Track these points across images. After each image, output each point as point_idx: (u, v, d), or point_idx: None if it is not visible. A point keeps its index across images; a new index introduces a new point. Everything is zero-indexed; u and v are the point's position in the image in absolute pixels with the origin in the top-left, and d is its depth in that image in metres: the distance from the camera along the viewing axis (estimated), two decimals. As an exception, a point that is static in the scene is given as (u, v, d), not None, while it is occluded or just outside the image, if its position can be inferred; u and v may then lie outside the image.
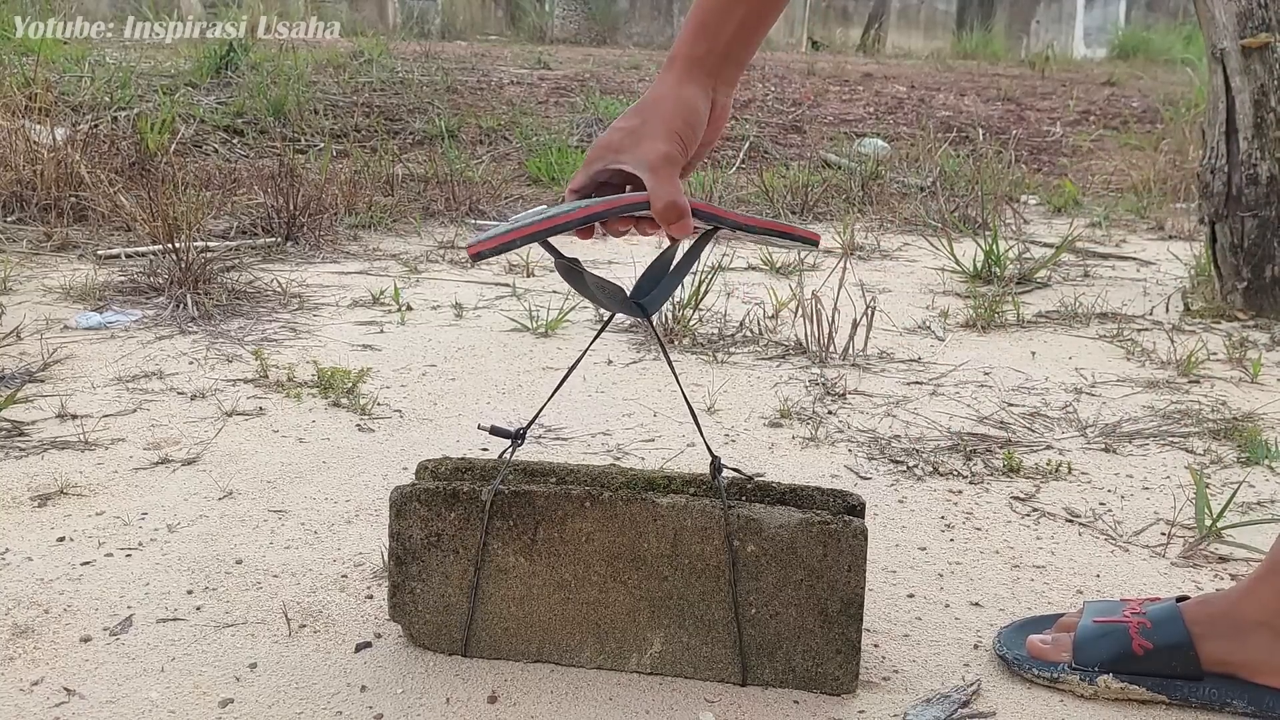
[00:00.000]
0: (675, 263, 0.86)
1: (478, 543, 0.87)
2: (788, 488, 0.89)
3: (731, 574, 0.85)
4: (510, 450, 0.90)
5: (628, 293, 0.84)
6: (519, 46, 6.29)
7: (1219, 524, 1.16)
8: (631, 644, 0.88)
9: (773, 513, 0.85)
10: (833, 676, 0.86)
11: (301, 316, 1.97)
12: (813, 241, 0.88)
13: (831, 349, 1.81)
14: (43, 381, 1.57)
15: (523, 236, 0.76)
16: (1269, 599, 0.85)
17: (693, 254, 0.88)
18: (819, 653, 0.85)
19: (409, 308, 2.06)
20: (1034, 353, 1.89)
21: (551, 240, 0.79)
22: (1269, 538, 1.09)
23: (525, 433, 0.90)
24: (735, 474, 0.90)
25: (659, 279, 0.85)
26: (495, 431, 0.91)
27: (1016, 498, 1.28)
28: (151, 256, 2.21)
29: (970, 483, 1.32)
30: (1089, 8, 9.24)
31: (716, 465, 0.87)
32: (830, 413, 1.55)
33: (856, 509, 0.88)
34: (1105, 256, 2.80)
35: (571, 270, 0.83)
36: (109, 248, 2.42)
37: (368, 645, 0.93)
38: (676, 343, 1.88)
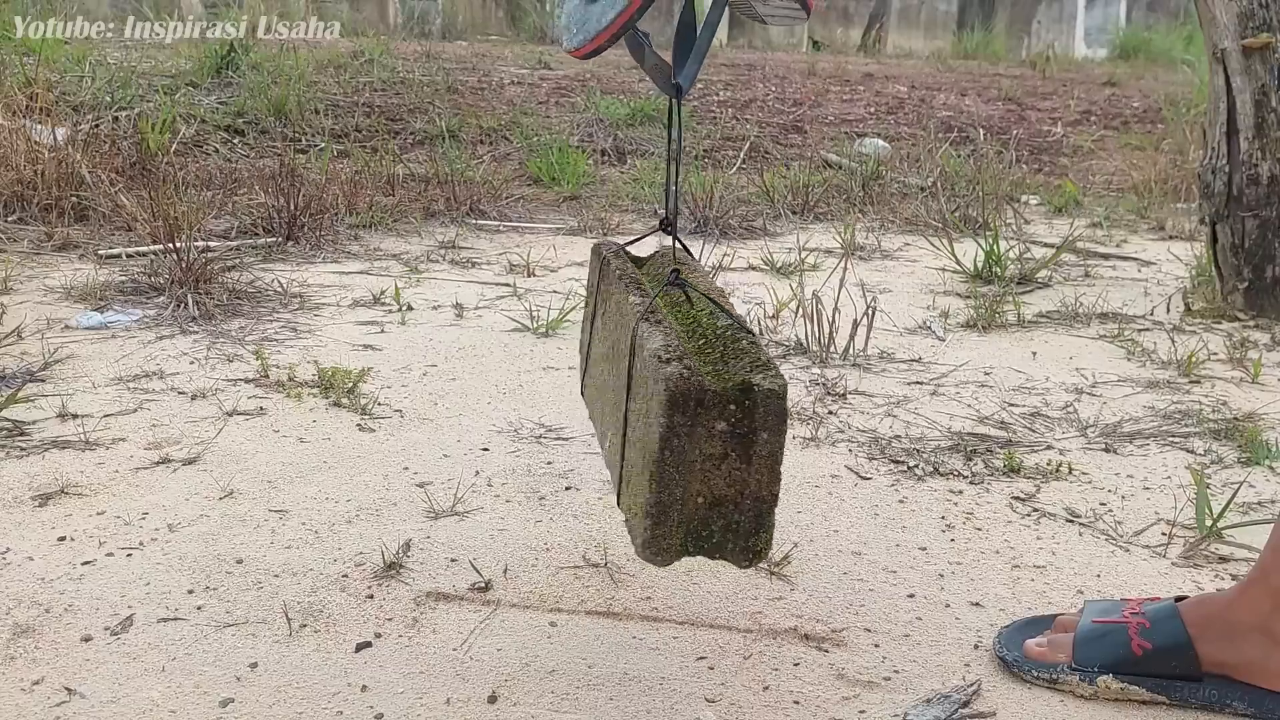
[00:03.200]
0: (699, 30, 0.82)
1: (596, 289, 0.98)
2: (750, 345, 0.78)
3: (629, 385, 0.78)
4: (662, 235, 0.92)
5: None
6: (519, 46, 6.29)
7: (1219, 524, 1.16)
8: (607, 431, 0.87)
9: (656, 336, 0.75)
10: (637, 531, 0.75)
11: (302, 316, 1.97)
12: (806, 7, 0.85)
13: (832, 349, 1.81)
14: (43, 381, 1.57)
15: (639, 7, 0.74)
16: (1261, 602, 0.85)
17: (714, 14, 0.82)
18: (635, 500, 0.75)
19: (410, 308, 2.06)
20: (1034, 353, 1.89)
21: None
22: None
23: (673, 218, 0.88)
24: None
25: (687, 51, 0.82)
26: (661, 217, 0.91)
27: (1017, 498, 1.28)
28: (152, 256, 2.21)
29: (971, 483, 1.32)
30: (1089, 8, 9.24)
31: (675, 278, 0.84)
32: (831, 413, 1.55)
33: (756, 386, 0.72)
34: (1106, 257, 2.80)
35: (636, 42, 0.81)
36: (110, 247, 2.42)
37: (368, 645, 0.93)
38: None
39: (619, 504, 0.81)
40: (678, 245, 0.92)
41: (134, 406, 1.49)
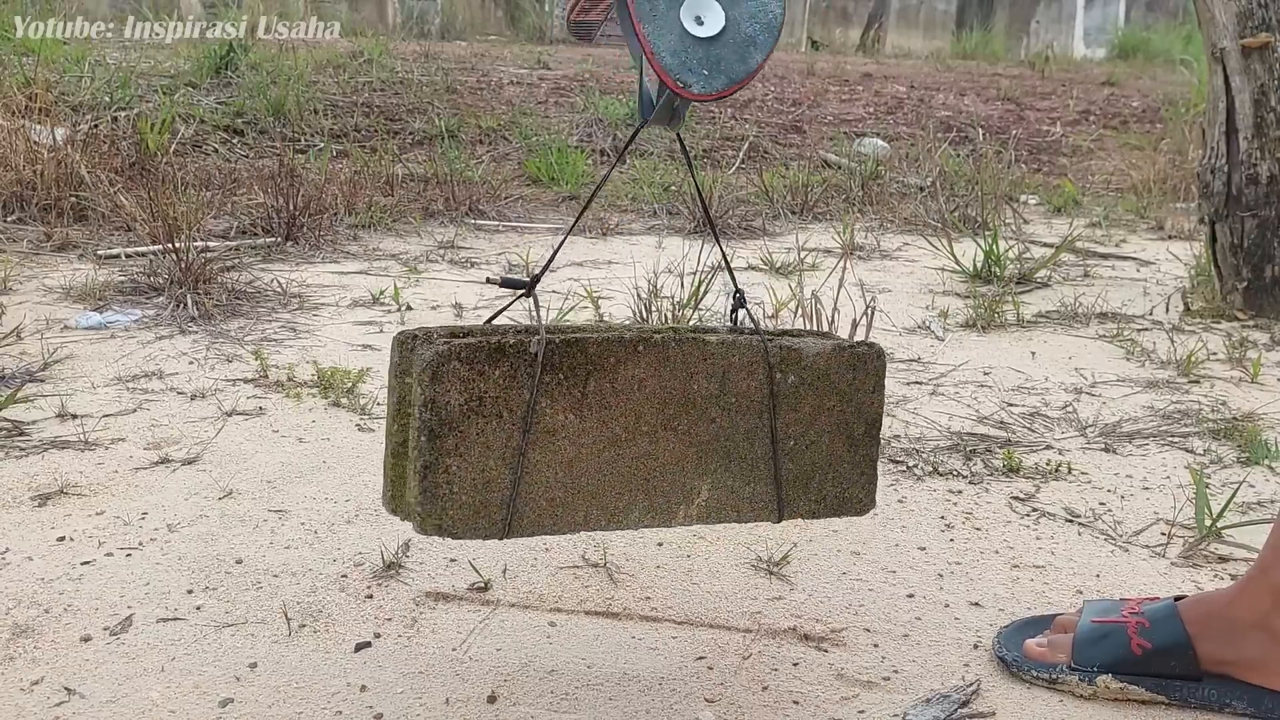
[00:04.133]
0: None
1: (526, 402, 0.77)
2: (807, 330, 0.89)
3: (773, 406, 0.83)
4: (531, 302, 0.84)
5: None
6: (519, 46, 6.29)
7: (1219, 524, 1.16)
8: (679, 495, 0.83)
9: (808, 342, 0.85)
10: (857, 499, 0.87)
11: (301, 316, 1.97)
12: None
13: (831, 349, 1.81)
14: (43, 381, 1.57)
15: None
16: (1260, 600, 0.85)
17: None
18: (846, 477, 0.86)
19: (409, 308, 2.06)
20: (1034, 353, 1.89)
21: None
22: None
23: (538, 280, 0.83)
24: (746, 313, 0.89)
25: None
26: (506, 283, 0.84)
27: (1016, 498, 1.28)
28: (151, 256, 2.21)
29: (970, 483, 1.32)
30: (1089, 8, 9.25)
31: (740, 300, 0.86)
32: (830, 413, 1.55)
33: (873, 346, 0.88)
34: (1105, 256, 2.80)
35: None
36: (109, 248, 2.42)
37: (367, 645, 0.93)
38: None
39: (785, 517, 0.86)
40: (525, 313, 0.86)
41: (133, 407, 1.49)
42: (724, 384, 0.82)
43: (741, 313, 0.87)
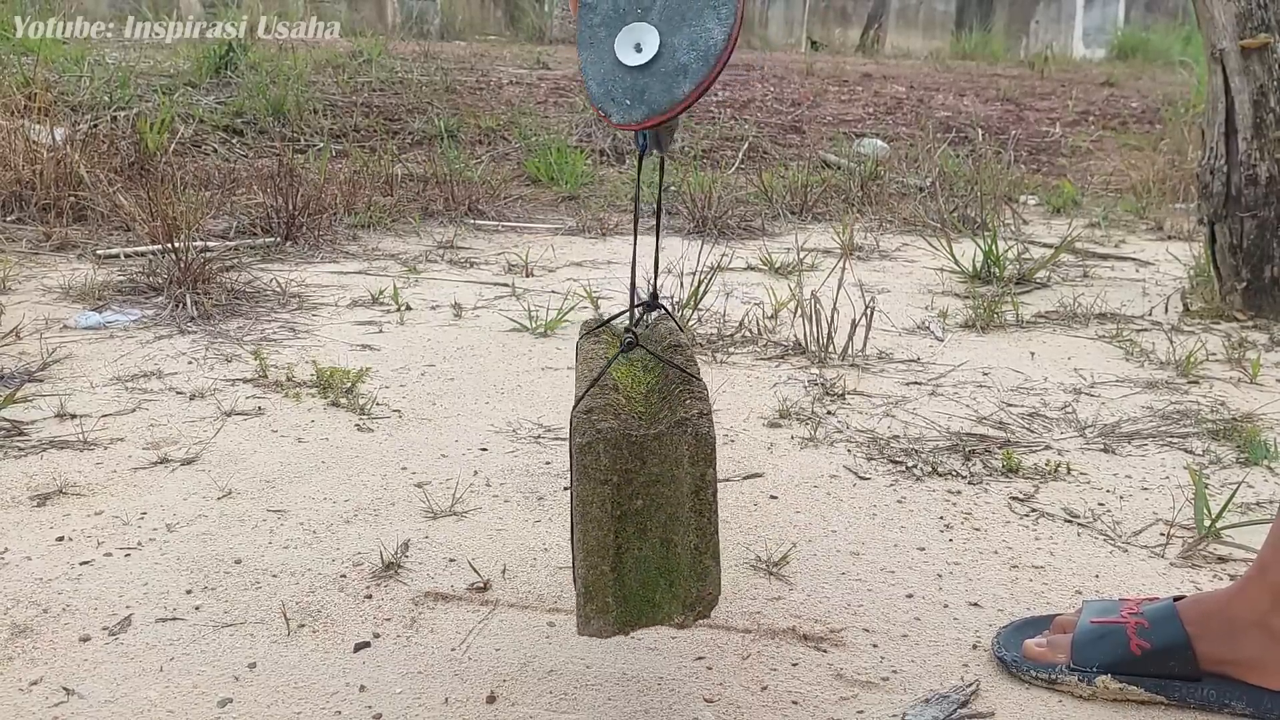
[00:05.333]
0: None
1: None
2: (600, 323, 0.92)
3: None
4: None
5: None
6: (518, 46, 6.29)
7: (1218, 524, 1.16)
8: None
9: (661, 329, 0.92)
10: None
11: (300, 316, 1.97)
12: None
13: (830, 349, 1.81)
14: (42, 381, 1.57)
15: (713, 81, 0.69)
16: (1259, 600, 0.85)
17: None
18: None
19: (408, 308, 2.06)
20: (1033, 353, 1.89)
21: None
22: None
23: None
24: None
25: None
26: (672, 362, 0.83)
27: (1015, 498, 1.28)
28: (151, 256, 2.21)
29: (969, 483, 1.32)
30: (1088, 8, 9.25)
31: (654, 301, 0.88)
32: (829, 413, 1.55)
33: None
34: (1104, 257, 2.80)
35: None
36: (108, 247, 2.42)
37: (366, 645, 0.93)
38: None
39: None
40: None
41: (132, 406, 1.49)
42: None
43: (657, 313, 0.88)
